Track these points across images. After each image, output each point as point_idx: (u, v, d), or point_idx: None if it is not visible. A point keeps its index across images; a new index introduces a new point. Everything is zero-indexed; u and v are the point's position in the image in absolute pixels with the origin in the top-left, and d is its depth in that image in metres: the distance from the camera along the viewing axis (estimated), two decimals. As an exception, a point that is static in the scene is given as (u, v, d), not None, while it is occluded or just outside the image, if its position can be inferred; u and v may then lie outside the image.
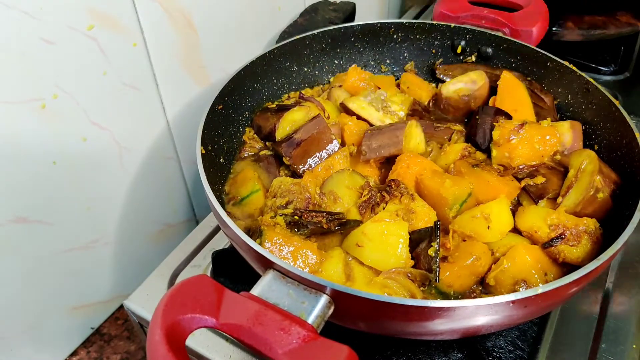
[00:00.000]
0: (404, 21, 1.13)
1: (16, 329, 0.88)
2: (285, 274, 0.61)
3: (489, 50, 1.09)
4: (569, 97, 0.99)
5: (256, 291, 0.60)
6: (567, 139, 0.91)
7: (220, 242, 0.98)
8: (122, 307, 1.06)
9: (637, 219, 0.69)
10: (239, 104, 0.98)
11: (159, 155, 1.03)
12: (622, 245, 0.66)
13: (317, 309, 0.58)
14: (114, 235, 0.99)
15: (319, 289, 0.59)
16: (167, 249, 0.98)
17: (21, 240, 0.82)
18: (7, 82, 0.72)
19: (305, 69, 1.11)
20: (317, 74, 1.13)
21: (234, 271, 0.87)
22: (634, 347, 0.80)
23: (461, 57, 1.13)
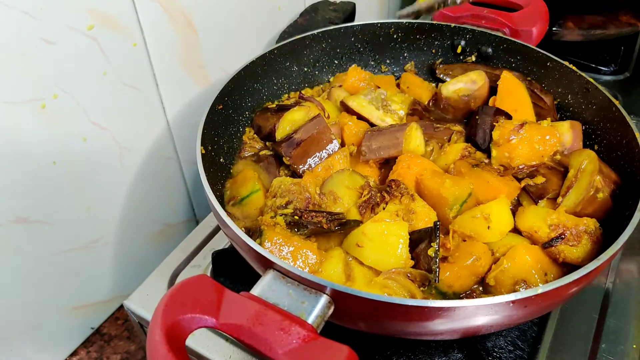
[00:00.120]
0: (404, 21, 1.12)
1: (16, 329, 0.88)
2: (285, 274, 0.61)
3: (489, 50, 1.09)
4: (569, 97, 0.99)
5: (256, 291, 0.60)
6: (567, 139, 0.91)
7: (220, 242, 0.98)
8: (122, 307, 1.06)
9: (637, 219, 0.69)
10: (239, 104, 0.98)
11: (159, 155, 1.03)
12: (622, 245, 0.66)
13: (317, 309, 0.58)
14: (114, 235, 0.99)
15: (319, 289, 0.59)
16: (167, 249, 0.98)
17: (21, 240, 0.82)
18: (7, 82, 0.72)
19: (305, 69, 1.11)
20: (317, 74, 1.13)
21: (234, 271, 0.87)
22: (634, 347, 0.80)
23: (461, 57, 1.13)
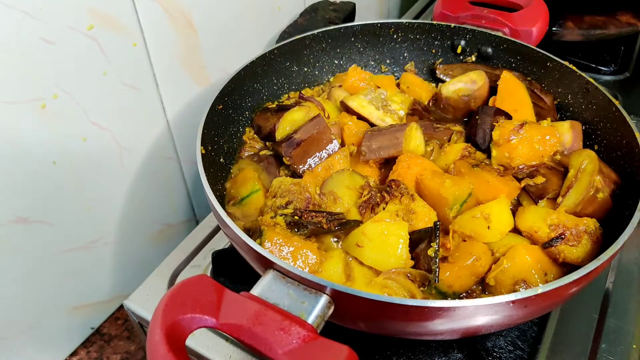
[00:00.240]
0: (404, 21, 1.13)
1: (16, 329, 0.88)
2: (285, 274, 0.61)
3: (489, 50, 1.09)
4: (569, 97, 0.99)
5: (256, 291, 0.60)
6: (567, 139, 0.91)
7: (220, 242, 0.98)
8: (122, 307, 1.06)
9: (637, 219, 0.70)
10: (239, 104, 0.98)
11: (159, 155, 1.03)
12: (622, 245, 0.66)
13: (317, 309, 0.58)
14: (114, 235, 0.99)
15: (319, 289, 0.59)
16: (167, 249, 0.98)
17: (21, 240, 0.82)
18: (7, 82, 0.72)
19: (305, 69, 1.11)
20: (317, 74, 1.13)
21: (234, 271, 0.87)
22: (634, 347, 0.80)
23: (461, 57, 1.13)
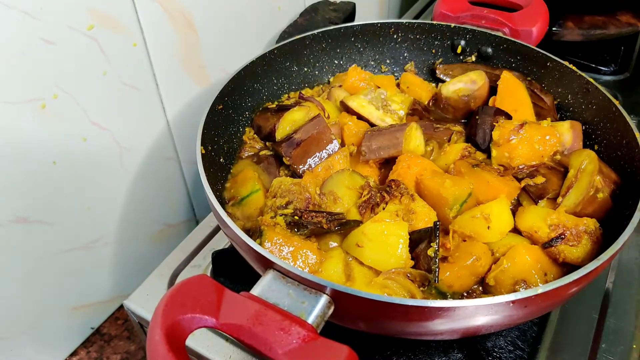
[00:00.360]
0: (404, 21, 1.13)
1: (16, 329, 0.88)
2: (285, 274, 0.61)
3: (489, 50, 1.09)
4: (569, 97, 0.99)
5: (256, 291, 0.60)
6: (567, 139, 0.91)
7: (220, 242, 0.98)
8: (122, 307, 1.06)
9: (637, 219, 0.69)
10: (239, 104, 0.98)
11: (159, 155, 1.03)
12: (622, 245, 0.66)
13: (317, 309, 0.58)
14: (114, 235, 0.99)
15: (319, 289, 0.59)
16: (167, 249, 0.98)
17: (21, 240, 0.82)
18: (7, 82, 0.72)
19: (305, 69, 1.11)
20: (317, 74, 1.13)
21: (234, 271, 0.87)
22: (634, 347, 0.80)
23: (461, 57, 1.13)
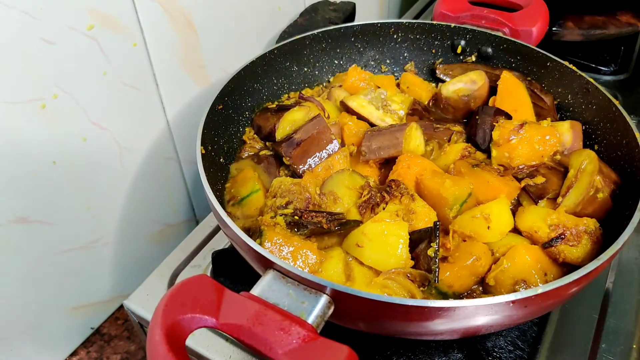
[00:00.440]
0: (404, 21, 1.13)
1: (16, 329, 0.88)
2: (285, 274, 0.61)
3: (489, 50, 1.09)
4: (569, 97, 0.99)
5: (256, 291, 0.60)
6: (567, 139, 0.91)
7: (220, 242, 0.98)
8: (122, 307, 1.06)
9: (637, 219, 0.69)
10: (239, 104, 0.98)
11: (159, 155, 1.03)
12: (622, 245, 0.66)
13: (317, 309, 0.58)
14: (114, 235, 0.99)
15: (319, 289, 0.59)
16: (167, 249, 0.98)
17: (21, 240, 0.82)
18: (7, 82, 0.72)
19: (305, 69, 1.11)
20: (317, 74, 1.13)
21: (234, 271, 0.87)
22: (634, 347, 0.80)
23: (461, 57, 1.13)
